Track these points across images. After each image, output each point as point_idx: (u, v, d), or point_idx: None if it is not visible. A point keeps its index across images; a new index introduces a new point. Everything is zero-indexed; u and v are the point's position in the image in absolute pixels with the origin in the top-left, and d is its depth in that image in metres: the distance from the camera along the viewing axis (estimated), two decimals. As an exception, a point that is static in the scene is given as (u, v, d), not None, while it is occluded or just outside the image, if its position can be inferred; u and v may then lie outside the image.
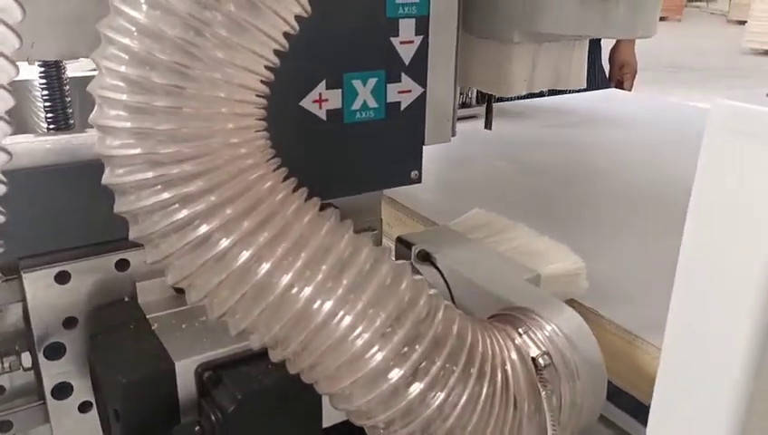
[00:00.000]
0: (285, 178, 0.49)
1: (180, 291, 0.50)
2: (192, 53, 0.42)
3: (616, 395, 0.64)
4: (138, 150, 0.43)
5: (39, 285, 0.56)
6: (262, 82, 0.47)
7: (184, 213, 0.44)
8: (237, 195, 0.45)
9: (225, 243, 0.45)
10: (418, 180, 0.70)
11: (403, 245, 0.71)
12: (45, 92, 0.76)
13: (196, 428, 0.52)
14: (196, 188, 0.44)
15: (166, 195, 0.44)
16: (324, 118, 0.63)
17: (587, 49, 0.75)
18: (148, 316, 0.58)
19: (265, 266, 0.46)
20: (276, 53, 0.47)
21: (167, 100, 0.43)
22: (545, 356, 0.52)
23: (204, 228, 0.45)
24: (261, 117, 0.48)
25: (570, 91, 1.59)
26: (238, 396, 0.51)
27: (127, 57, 0.43)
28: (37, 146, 0.56)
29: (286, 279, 0.46)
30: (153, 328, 0.56)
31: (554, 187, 1.12)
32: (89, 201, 0.54)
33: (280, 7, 0.45)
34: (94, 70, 0.48)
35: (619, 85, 2.10)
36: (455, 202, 0.97)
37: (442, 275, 0.66)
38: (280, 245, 0.46)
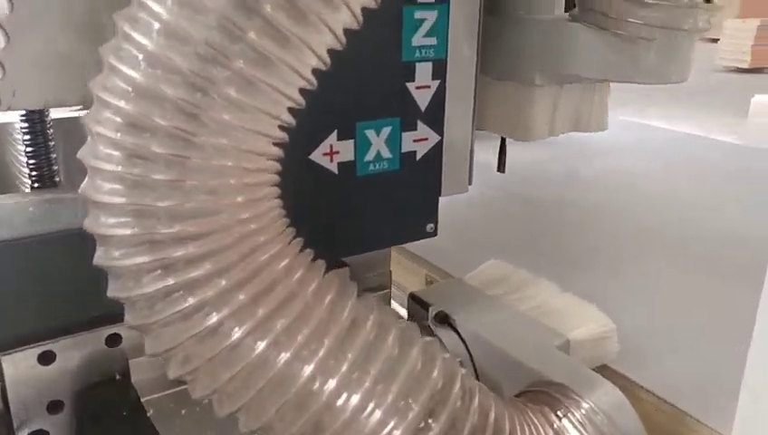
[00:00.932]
0: (301, 249, 0.44)
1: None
2: (196, 117, 0.37)
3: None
4: (135, 230, 0.38)
5: (20, 367, 0.50)
6: (275, 144, 0.41)
7: (190, 301, 0.39)
8: (250, 277, 0.40)
9: (237, 332, 0.39)
10: (434, 233, 0.65)
11: (417, 303, 0.66)
12: (28, 142, 0.70)
13: None
14: (204, 271, 0.38)
15: (169, 280, 0.38)
16: (336, 171, 0.58)
17: (609, 90, 0.71)
18: (142, 399, 0.51)
19: (284, 357, 0.40)
20: (291, 110, 0.42)
21: (167, 172, 0.37)
22: (590, 444, 0.47)
23: (214, 317, 0.39)
24: (273, 183, 0.42)
25: None
26: (247, 497, 0.45)
27: (122, 122, 0.37)
28: (19, 209, 0.50)
29: (308, 371, 0.40)
30: (149, 414, 0.50)
31: (543, 218, 1.09)
32: (76, 273, 0.48)
33: (296, 61, 0.40)
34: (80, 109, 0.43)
35: None
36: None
37: (463, 341, 0.60)
38: (300, 332, 0.40)
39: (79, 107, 0.62)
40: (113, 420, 0.49)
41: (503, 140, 0.78)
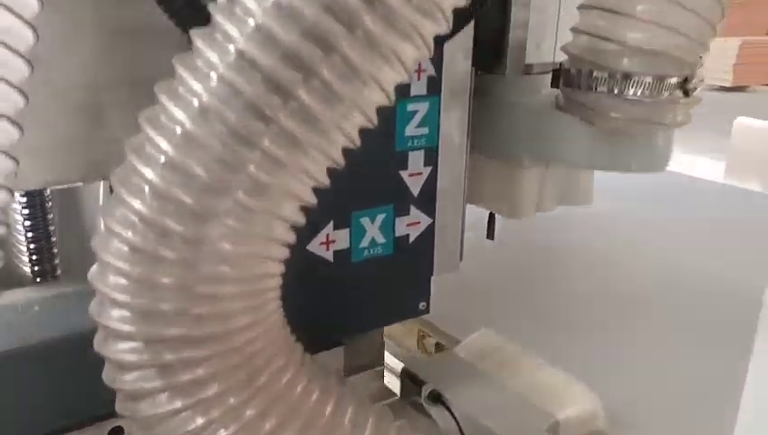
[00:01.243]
0: (302, 358, 0.46)
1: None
2: (200, 247, 0.38)
3: None
4: (144, 356, 0.39)
5: (24, 466, 0.51)
6: (278, 262, 0.43)
7: (199, 421, 0.40)
8: (256, 393, 0.41)
9: (244, 448, 0.41)
10: (426, 311, 0.67)
11: (410, 379, 0.68)
12: (27, 216, 0.71)
13: None
14: (212, 392, 0.40)
15: (178, 403, 0.40)
16: (332, 259, 0.60)
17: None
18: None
19: (288, 469, 0.42)
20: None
21: (174, 301, 0.38)
22: None
23: (222, 434, 0.40)
24: (276, 296, 0.44)
25: None
26: None
27: (129, 251, 0.38)
28: (25, 308, 0.51)
29: (310, 480, 0.42)
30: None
31: (517, 265, 1.11)
32: (84, 373, 0.49)
33: (295, 183, 0.41)
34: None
35: None
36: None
37: (456, 421, 0.62)
38: (302, 443, 0.42)
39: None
40: None
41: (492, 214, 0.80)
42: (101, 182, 0.79)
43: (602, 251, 1.21)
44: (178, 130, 0.38)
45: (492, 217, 0.81)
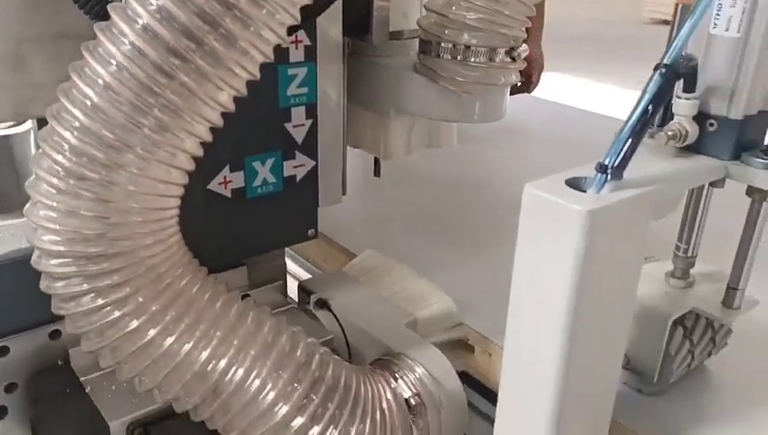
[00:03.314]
0: (197, 269, 0.60)
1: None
2: (111, 189, 0.52)
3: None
4: (72, 269, 0.53)
5: (-18, 360, 0.64)
6: (174, 197, 0.57)
7: (116, 313, 0.54)
8: (160, 293, 0.56)
9: (152, 333, 0.55)
10: (315, 237, 0.82)
11: (303, 291, 0.83)
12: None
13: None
14: (125, 293, 0.54)
15: (99, 301, 0.54)
16: (230, 196, 0.73)
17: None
18: (81, 379, 0.67)
19: (186, 347, 0.56)
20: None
21: (94, 227, 0.52)
22: (416, 397, 0.67)
23: (134, 323, 0.55)
24: (175, 221, 0.58)
25: None
26: (165, 448, 0.62)
27: (56, 193, 0.51)
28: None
29: (204, 355, 0.57)
30: (87, 391, 0.66)
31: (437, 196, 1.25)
32: (26, 287, 0.62)
33: (185, 137, 0.55)
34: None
35: (527, 78, 1.81)
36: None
37: (338, 321, 0.78)
38: (198, 328, 0.57)
39: (8, 124, 0.75)
40: (58, 396, 0.65)
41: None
42: (32, 132, 0.89)
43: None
44: (87, 102, 0.50)
45: (377, 158, 0.96)
